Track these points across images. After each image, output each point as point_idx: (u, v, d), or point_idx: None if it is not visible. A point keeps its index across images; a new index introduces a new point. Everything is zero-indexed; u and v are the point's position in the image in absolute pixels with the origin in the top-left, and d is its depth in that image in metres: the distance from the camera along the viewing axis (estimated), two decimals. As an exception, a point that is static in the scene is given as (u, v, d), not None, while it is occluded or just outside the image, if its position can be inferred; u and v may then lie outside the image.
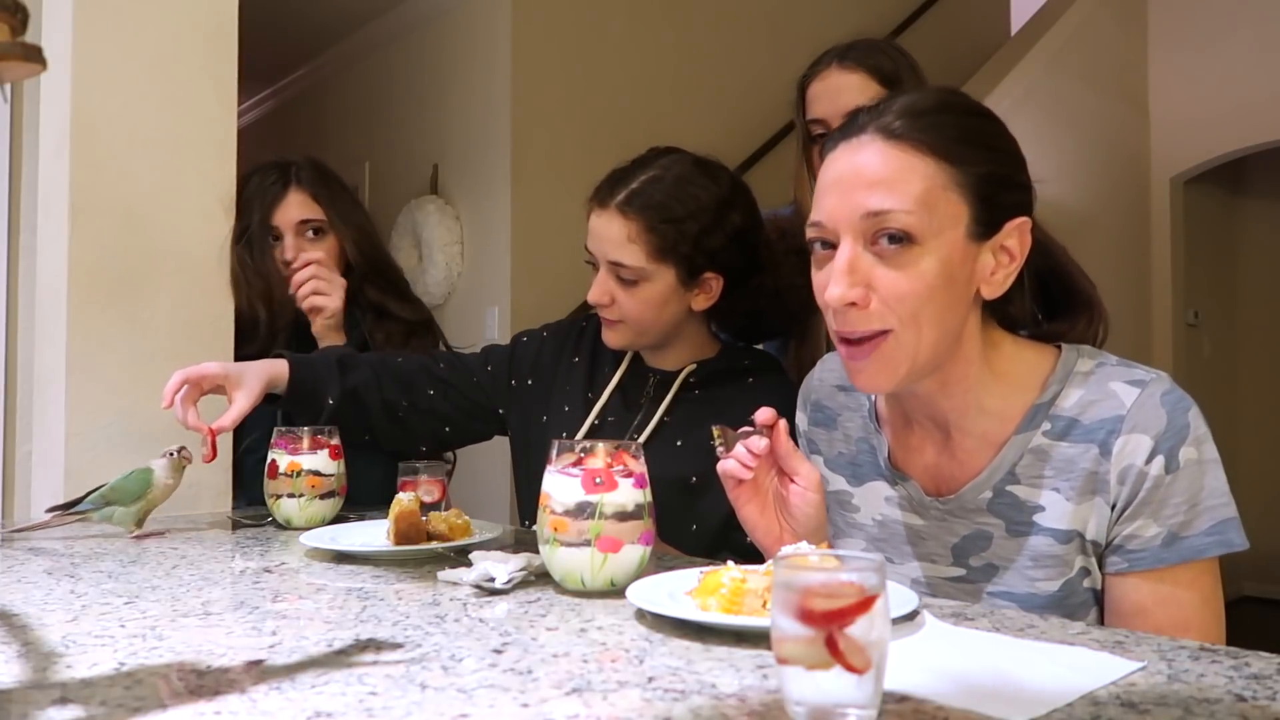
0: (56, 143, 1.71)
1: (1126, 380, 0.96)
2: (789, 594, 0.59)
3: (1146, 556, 0.94)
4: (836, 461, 1.15)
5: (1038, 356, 1.02)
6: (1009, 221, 0.95)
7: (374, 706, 0.61)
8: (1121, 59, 5.00)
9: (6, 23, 0.57)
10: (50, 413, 1.69)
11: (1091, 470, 0.95)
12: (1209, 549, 0.93)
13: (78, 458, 1.62)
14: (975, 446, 1.01)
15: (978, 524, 1.01)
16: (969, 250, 0.94)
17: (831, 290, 0.93)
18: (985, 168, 0.94)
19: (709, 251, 1.38)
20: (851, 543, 1.12)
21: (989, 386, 1.00)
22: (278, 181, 1.84)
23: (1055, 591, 0.97)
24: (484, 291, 3.69)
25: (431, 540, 1.19)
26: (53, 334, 1.69)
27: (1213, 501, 0.94)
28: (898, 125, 0.92)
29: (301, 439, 1.45)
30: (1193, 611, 0.94)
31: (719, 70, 4.05)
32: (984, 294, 0.96)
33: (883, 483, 1.09)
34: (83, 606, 0.90)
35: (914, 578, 1.05)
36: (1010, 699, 0.61)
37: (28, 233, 1.94)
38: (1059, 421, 0.98)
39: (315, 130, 4.86)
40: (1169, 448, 0.93)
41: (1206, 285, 5.28)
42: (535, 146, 3.58)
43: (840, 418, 1.16)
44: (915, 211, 0.90)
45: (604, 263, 1.40)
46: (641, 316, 1.40)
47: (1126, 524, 0.95)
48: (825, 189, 0.96)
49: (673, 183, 1.38)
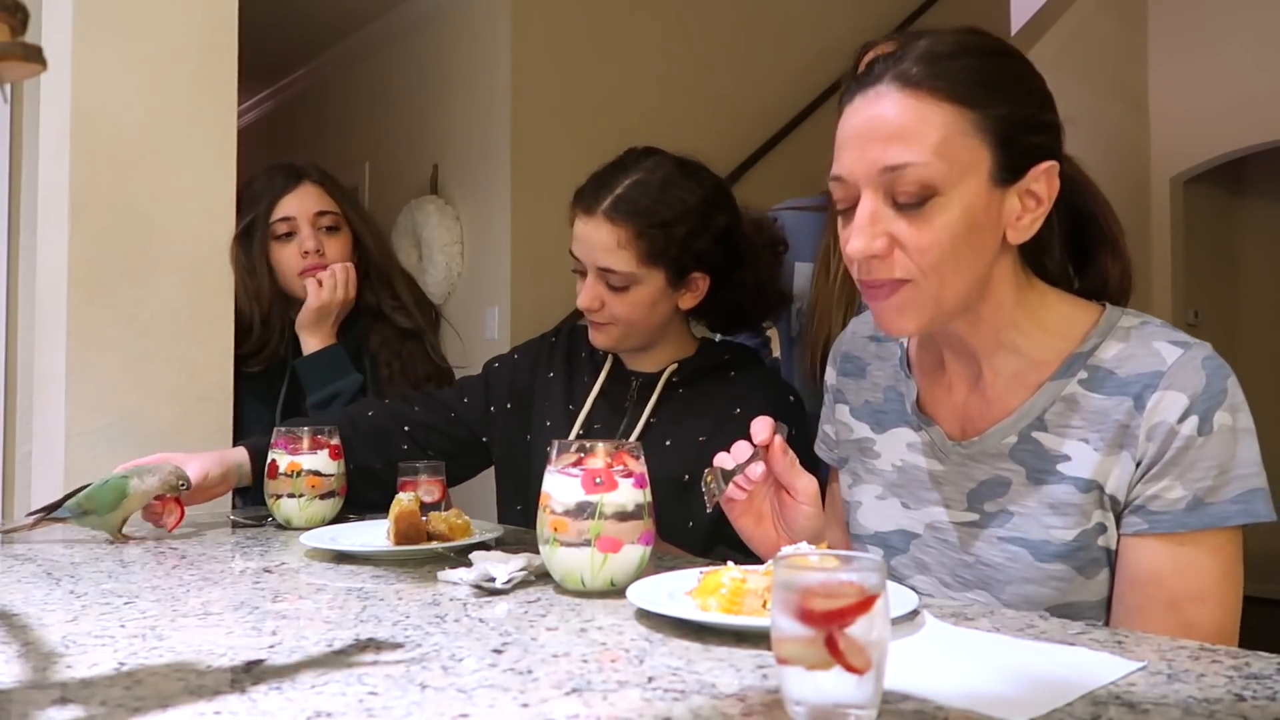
0: (56, 143, 1.71)
1: (1170, 340, 0.95)
2: (789, 594, 0.59)
3: (1168, 519, 0.91)
4: (862, 410, 1.15)
5: (1079, 310, 1.01)
6: (1035, 165, 0.93)
7: (374, 706, 0.61)
8: (1121, 59, 5.00)
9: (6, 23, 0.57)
10: (50, 413, 1.69)
11: (1123, 423, 0.93)
12: (1233, 517, 0.90)
13: (78, 458, 1.62)
14: (1006, 388, 1.00)
15: (997, 469, 1.00)
16: (993, 196, 0.92)
17: (854, 243, 0.92)
18: (1005, 109, 0.91)
19: (697, 253, 1.39)
20: (867, 490, 1.12)
21: (1024, 330, 0.99)
22: (290, 176, 1.82)
23: (1070, 541, 0.95)
24: (484, 291, 3.69)
25: (431, 540, 1.19)
26: (53, 334, 1.69)
27: (1243, 470, 0.91)
28: (915, 72, 0.91)
29: (301, 439, 1.45)
30: (1212, 583, 0.91)
31: (718, 70, 4.05)
32: (1010, 239, 0.94)
33: (907, 429, 1.09)
34: (83, 606, 0.90)
35: (927, 522, 1.05)
36: (1010, 699, 0.61)
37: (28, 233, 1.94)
38: (1096, 372, 0.96)
39: (315, 130, 4.86)
40: (1204, 409, 0.91)
41: (1206, 285, 5.28)
42: (535, 146, 3.58)
43: (870, 366, 1.16)
44: (933, 163, 0.89)
45: (593, 268, 1.39)
46: (631, 318, 1.40)
47: (1151, 484, 0.92)
48: (844, 142, 0.94)
49: (658, 186, 1.37)
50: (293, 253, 1.80)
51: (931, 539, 1.04)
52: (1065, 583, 0.95)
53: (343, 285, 1.79)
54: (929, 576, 1.04)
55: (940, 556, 1.03)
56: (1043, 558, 0.95)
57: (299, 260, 1.79)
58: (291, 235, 1.80)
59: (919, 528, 1.05)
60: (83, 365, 1.64)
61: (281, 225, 1.79)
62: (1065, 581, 0.95)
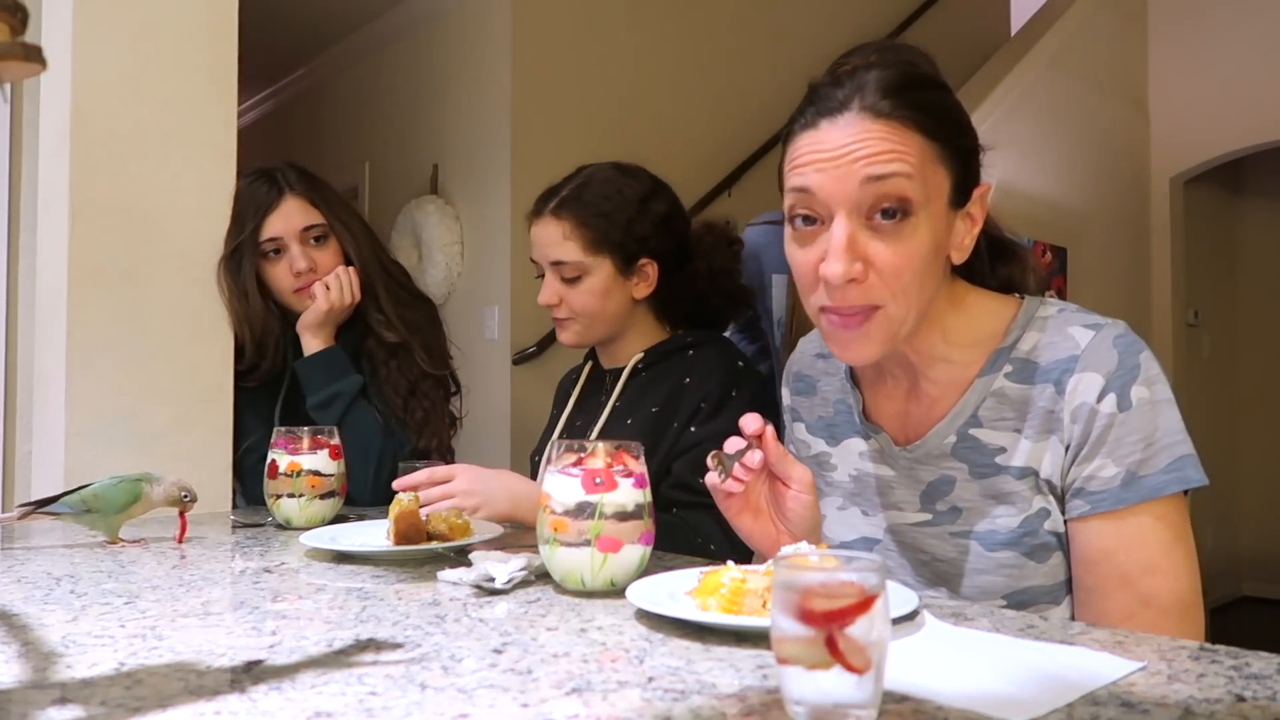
0: (56, 143, 1.71)
1: (1083, 324, 0.99)
2: (789, 594, 0.59)
3: (1107, 497, 0.95)
4: (816, 425, 1.19)
5: (1000, 305, 1.05)
6: (975, 189, 0.99)
7: (374, 706, 0.61)
8: (1121, 59, 5.00)
9: (6, 23, 0.57)
10: (50, 412, 1.69)
11: (1048, 409, 0.97)
12: (1168, 486, 0.93)
13: (78, 458, 1.62)
14: (940, 393, 1.05)
15: (943, 469, 1.04)
16: (949, 219, 0.97)
17: (833, 268, 0.93)
18: (962, 140, 0.97)
19: (640, 238, 1.51)
20: (829, 502, 1.15)
21: (953, 336, 1.04)
22: (270, 190, 1.79)
23: (1015, 528, 0.98)
24: (484, 291, 3.69)
25: (431, 540, 1.19)
26: (53, 334, 1.69)
27: (1169, 440, 0.94)
28: (884, 105, 0.93)
29: (301, 439, 1.45)
30: (1160, 553, 0.94)
31: (719, 70, 4.05)
32: (954, 259, 1.00)
33: (857, 438, 1.13)
34: (83, 606, 0.90)
35: (886, 527, 1.09)
36: (1010, 699, 0.61)
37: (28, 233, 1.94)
38: (1019, 364, 1.00)
39: (315, 130, 4.86)
40: (1120, 386, 0.94)
41: (1206, 285, 5.28)
42: (535, 146, 3.58)
43: (819, 383, 1.21)
44: (915, 177, 0.92)
45: (547, 265, 1.52)
46: (588, 309, 1.51)
47: (1084, 465, 0.96)
48: (811, 161, 0.94)
49: (598, 184, 1.52)
50: (284, 271, 1.79)
51: (891, 543, 1.08)
52: (1016, 569, 0.98)
53: (348, 288, 1.79)
54: (892, 580, 1.05)
55: (900, 559, 1.07)
56: (991, 547, 0.99)
57: (292, 279, 1.79)
58: (281, 253, 1.79)
59: (879, 533, 1.09)
60: (83, 365, 1.64)
61: (270, 245, 1.78)
62: (1016, 568, 0.98)
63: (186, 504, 1.31)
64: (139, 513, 1.29)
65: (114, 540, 1.28)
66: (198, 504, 1.33)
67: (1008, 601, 0.98)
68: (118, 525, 1.28)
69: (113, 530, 1.28)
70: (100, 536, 1.29)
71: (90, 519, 1.27)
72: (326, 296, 1.77)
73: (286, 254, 1.79)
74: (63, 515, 1.27)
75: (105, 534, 1.28)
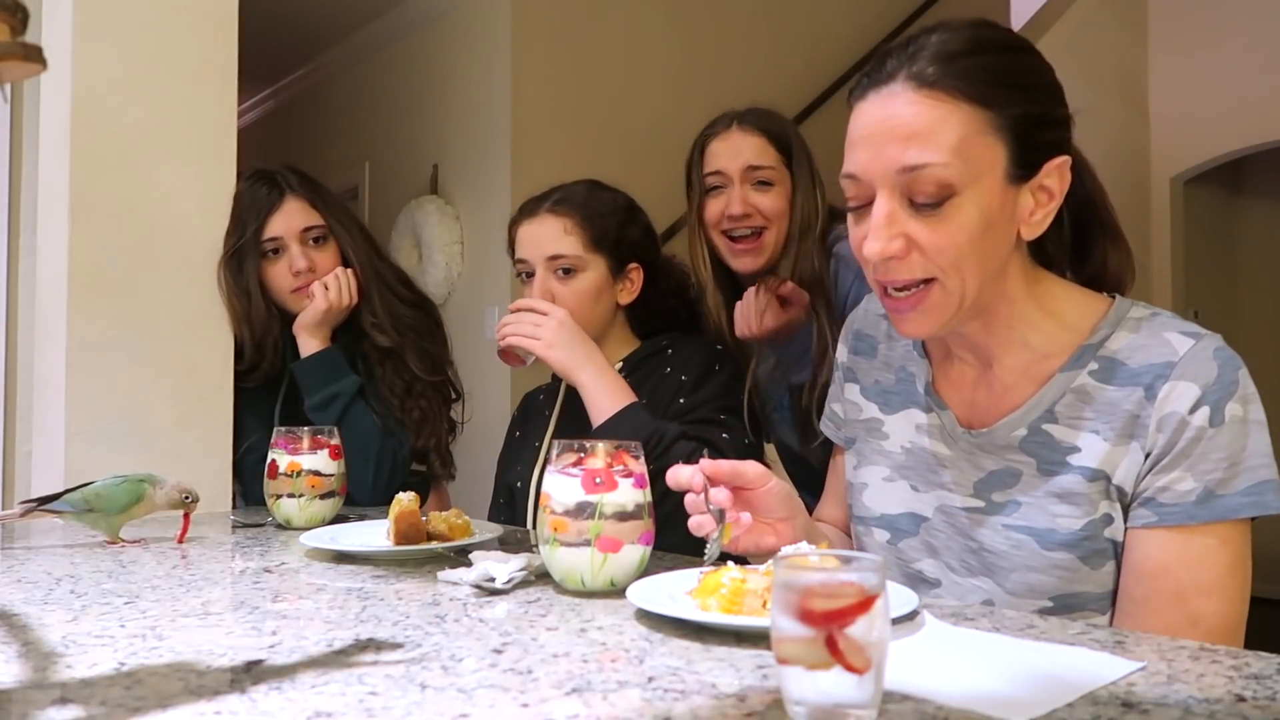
0: (56, 143, 1.72)
1: (1181, 331, 0.95)
2: (789, 594, 0.59)
3: (1178, 511, 0.90)
4: (872, 390, 1.15)
5: (1090, 300, 1.01)
6: (1049, 161, 0.93)
7: (374, 706, 0.61)
8: (1121, 59, 4.99)
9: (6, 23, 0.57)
10: (50, 413, 1.69)
11: (1133, 414, 0.93)
12: (1243, 509, 0.90)
13: (78, 458, 1.62)
14: (1015, 381, 1.00)
15: (1008, 460, 0.99)
16: (1008, 193, 0.92)
17: (870, 245, 0.92)
18: (1021, 108, 0.91)
19: (631, 243, 1.57)
20: (874, 471, 1.11)
21: (1035, 323, 0.99)
22: (272, 191, 1.79)
23: (1077, 530, 0.94)
24: (484, 291, 3.69)
25: (431, 540, 1.19)
26: (53, 334, 1.69)
27: (1255, 462, 0.90)
28: (930, 72, 0.90)
29: (301, 439, 1.45)
30: (1219, 575, 0.90)
31: (719, 70, 4.05)
32: (1023, 235, 0.94)
33: (918, 410, 1.09)
34: (83, 606, 0.90)
35: (937, 506, 1.04)
36: (1010, 699, 0.61)
37: (28, 233, 1.94)
38: (1106, 363, 0.96)
39: (315, 130, 4.86)
40: (1215, 400, 0.90)
41: (1207, 285, 5.28)
42: (535, 146, 3.58)
43: (881, 345, 1.16)
44: (951, 163, 0.89)
45: (542, 260, 1.53)
46: (579, 309, 1.51)
47: (1161, 475, 0.91)
48: (857, 141, 0.94)
49: (586, 191, 1.58)
50: (283, 271, 1.79)
51: (940, 523, 1.04)
52: (1070, 572, 0.94)
53: (347, 289, 1.79)
54: (937, 560, 1.04)
55: (949, 541, 1.03)
56: (1048, 546, 0.95)
57: (291, 279, 1.79)
58: (280, 253, 1.79)
59: (929, 511, 1.05)
60: (83, 365, 1.64)
61: (269, 244, 1.79)
62: (1070, 571, 0.94)
63: (189, 506, 1.31)
64: (140, 514, 1.29)
65: (114, 540, 1.28)
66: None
67: (1055, 604, 0.95)
68: (119, 525, 1.28)
69: (113, 530, 1.28)
70: (100, 536, 1.29)
71: (91, 518, 1.27)
72: (325, 296, 1.76)
73: (285, 254, 1.79)
74: (64, 514, 1.27)
75: (106, 533, 1.28)
